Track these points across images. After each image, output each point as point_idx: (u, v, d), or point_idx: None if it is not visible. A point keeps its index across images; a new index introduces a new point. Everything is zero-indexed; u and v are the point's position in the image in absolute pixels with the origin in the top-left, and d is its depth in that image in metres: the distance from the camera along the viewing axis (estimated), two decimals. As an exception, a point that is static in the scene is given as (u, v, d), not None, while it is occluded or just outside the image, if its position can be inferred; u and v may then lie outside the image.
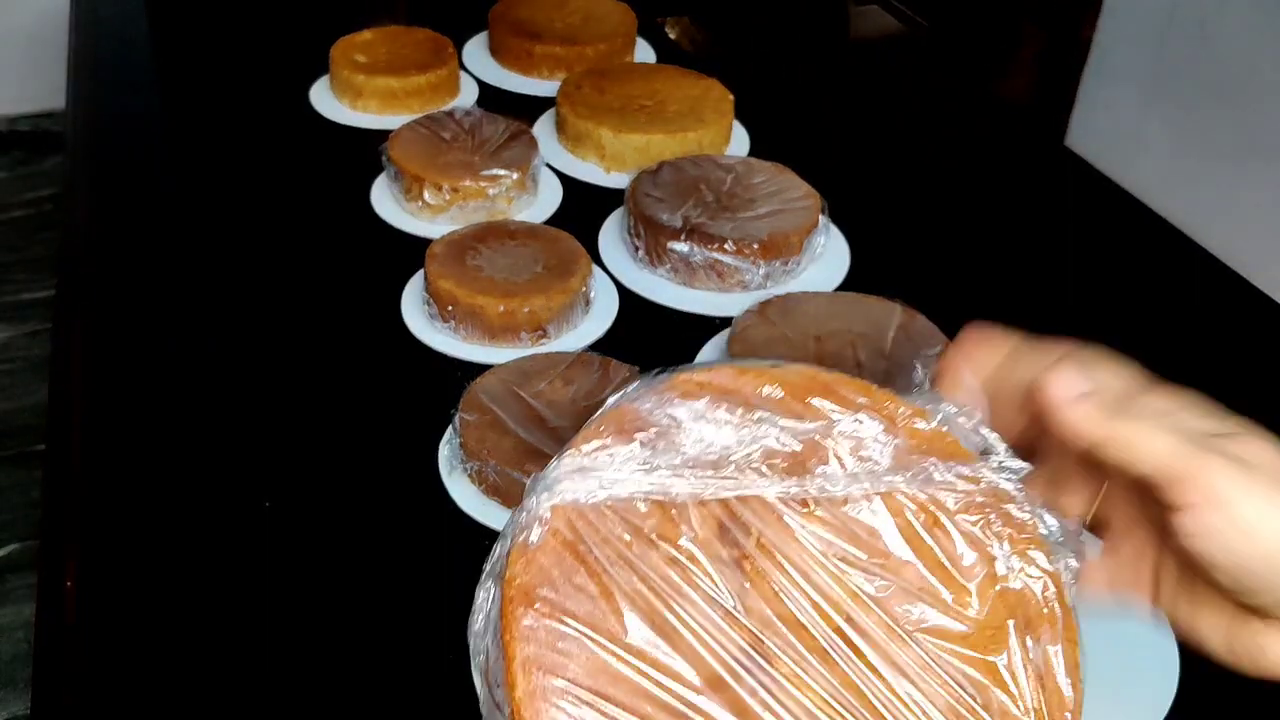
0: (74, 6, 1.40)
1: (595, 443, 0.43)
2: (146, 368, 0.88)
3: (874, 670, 0.40)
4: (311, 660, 0.66)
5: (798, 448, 0.44)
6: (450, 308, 0.88)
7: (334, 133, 1.18)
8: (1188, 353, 0.95)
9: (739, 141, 1.17)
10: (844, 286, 0.97)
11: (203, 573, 0.71)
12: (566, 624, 0.39)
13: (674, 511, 0.42)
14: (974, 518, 0.44)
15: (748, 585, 0.41)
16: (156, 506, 0.76)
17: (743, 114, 1.18)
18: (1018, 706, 0.41)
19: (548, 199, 1.07)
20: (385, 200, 1.06)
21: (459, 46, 1.28)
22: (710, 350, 0.89)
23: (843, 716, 0.39)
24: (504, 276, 0.90)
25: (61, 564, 0.71)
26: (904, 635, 0.41)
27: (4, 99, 2.53)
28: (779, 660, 0.40)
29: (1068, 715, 0.41)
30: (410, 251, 0.96)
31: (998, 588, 0.43)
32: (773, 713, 0.39)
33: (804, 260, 0.98)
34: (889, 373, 0.81)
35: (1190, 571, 0.42)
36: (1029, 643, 0.42)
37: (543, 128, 1.17)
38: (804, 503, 0.43)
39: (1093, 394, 0.42)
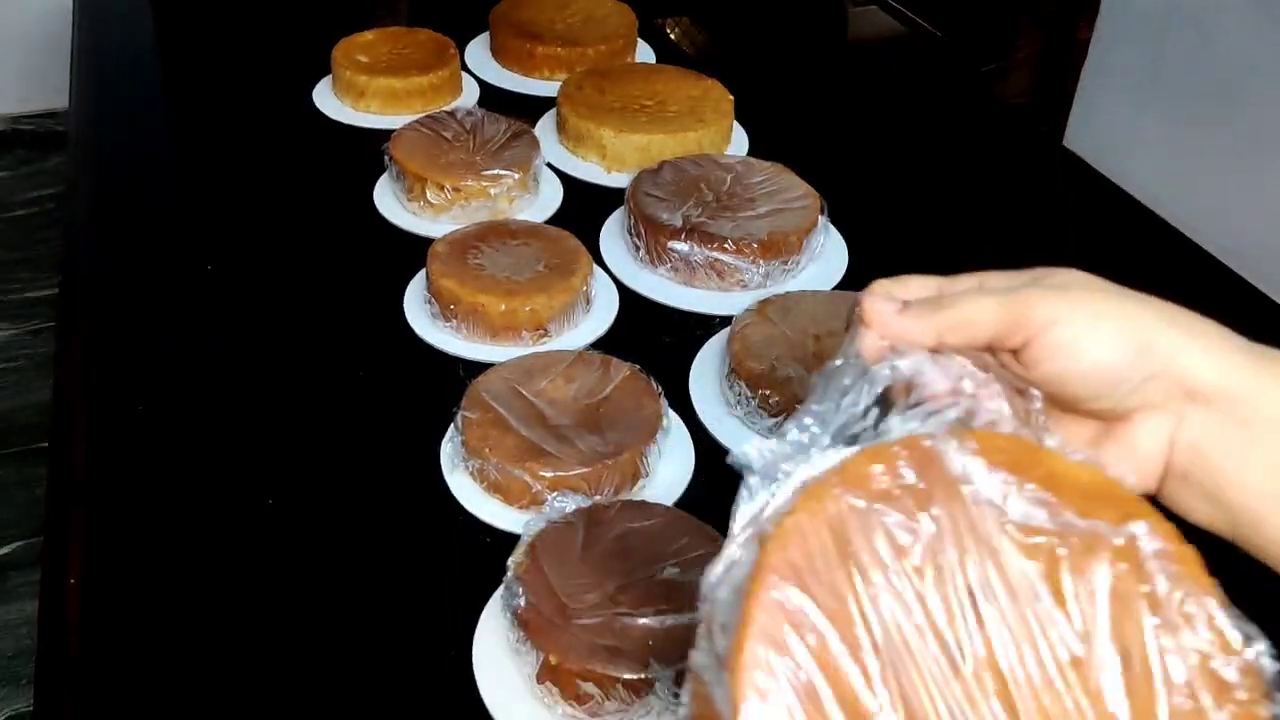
0: (77, 6, 1.41)
1: (891, 462, 0.43)
2: (149, 366, 0.89)
3: None
4: (313, 656, 0.67)
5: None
6: (452, 306, 0.88)
7: (336, 132, 1.19)
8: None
9: (739, 141, 1.18)
10: (843, 286, 0.97)
11: (206, 570, 0.72)
12: (809, 613, 0.39)
13: (936, 556, 0.42)
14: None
15: (981, 647, 0.41)
16: (159, 504, 0.76)
17: (742, 114, 1.19)
18: None
19: (549, 198, 1.07)
20: (387, 200, 1.06)
21: (461, 47, 1.29)
22: (710, 349, 0.90)
23: None
24: (505, 275, 0.90)
25: (65, 561, 0.72)
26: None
27: (7, 98, 2.53)
28: None
29: None
30: (412, 251, 0.96)
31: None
32: None
33: (803, 259, 0.98)
34: (888, 371, 0.82)
35: (1050, 404, 0.46)
36: None
37: (544, 128, 1.18)
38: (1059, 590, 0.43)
39: (908, 304, 0.45)
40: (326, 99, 1.22)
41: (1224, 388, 0.43)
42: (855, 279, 0.98)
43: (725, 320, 0.90)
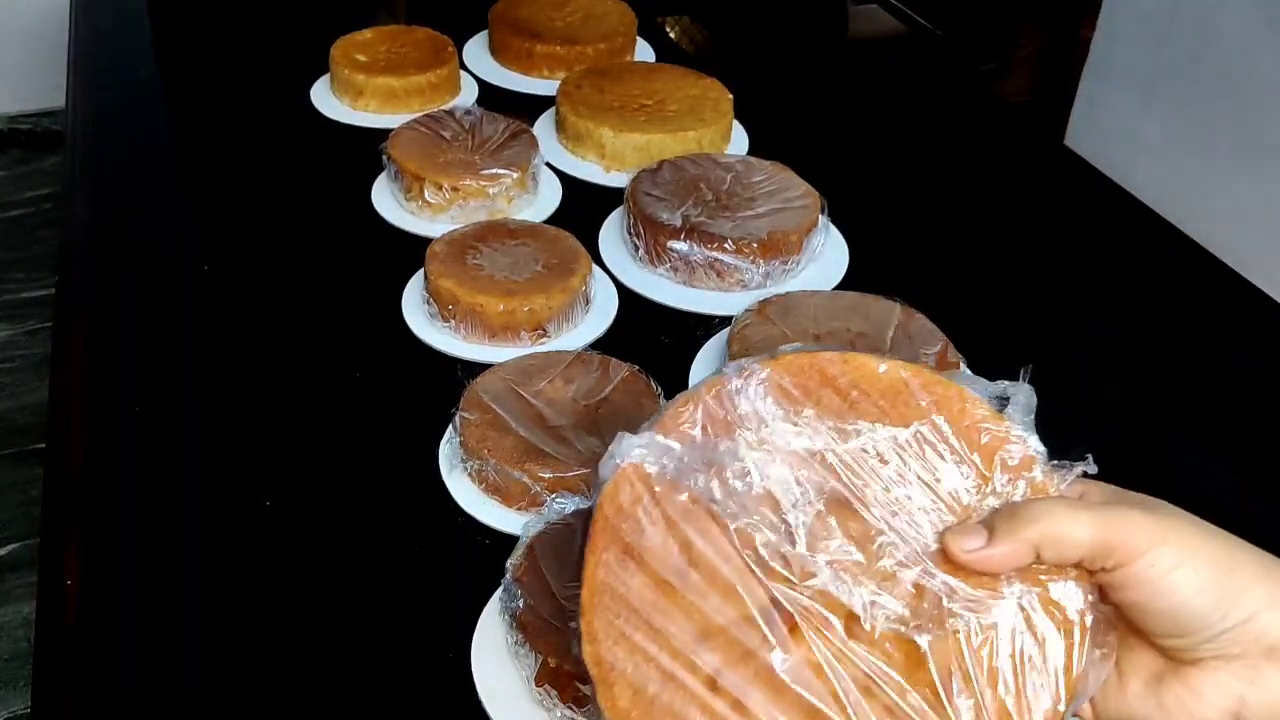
0: (74, 5, 1.40)
1: (684, 426, 0.46)
2: (146, 366, 0.88)
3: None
4: (312, 659, 0.66)
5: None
6: (451, 307, 0.88)
7: (334, 132, 1.18)
8: (1187, 352, 0.95)
9: (738, 141, 1.18)
10: (843, 285, 0.97)
11: (203, 572, 0.71)
12: (634, 557, 0.45)
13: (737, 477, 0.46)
14: None
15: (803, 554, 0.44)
16: (157, 505, 0.76)
17: (742, 114, 1.18)
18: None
19: (548, 198, 1.07)
20: (386, 199, 1.06)
21: (459, 46, 1.28)
22: (710, 349, 0.89)
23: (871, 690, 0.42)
24: (504, 276, 0.90)
25: (62, 563, 0.71)
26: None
27: (4, 97, 2.53)
28: (823, 627, 0.43)
29: None
30: (411, 251, 0.96)
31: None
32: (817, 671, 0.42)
33: (803, 259, 0.98)
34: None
35: (1122, 624, 0.43)
36: None
37: (543, 127, 1.17)
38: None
39: (991, 537, 0.43)
40: (324, 98, 1.22)
41: None
42: (855, 279, 0.98)
43: (725, 320, 0.89)
